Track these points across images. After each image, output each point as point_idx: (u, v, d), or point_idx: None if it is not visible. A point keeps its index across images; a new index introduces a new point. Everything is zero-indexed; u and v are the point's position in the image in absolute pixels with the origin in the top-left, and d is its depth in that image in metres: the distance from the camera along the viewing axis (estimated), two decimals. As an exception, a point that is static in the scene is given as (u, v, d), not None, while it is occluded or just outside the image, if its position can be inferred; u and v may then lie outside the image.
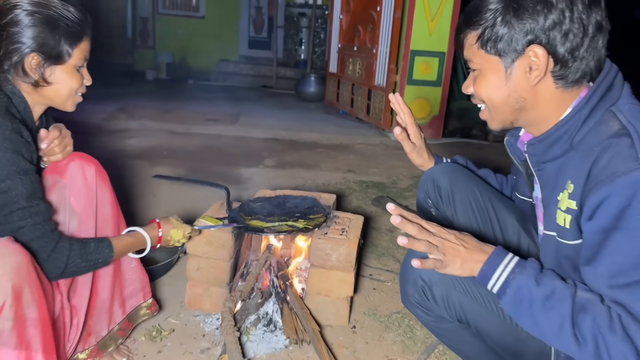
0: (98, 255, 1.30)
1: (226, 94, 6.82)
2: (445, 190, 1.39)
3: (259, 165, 3.38)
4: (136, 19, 9.57)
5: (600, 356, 0.85)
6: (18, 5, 1.18)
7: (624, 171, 0.85)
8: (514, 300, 0.95)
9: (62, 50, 1.22)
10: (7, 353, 1.08)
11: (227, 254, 1.70)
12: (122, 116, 4.41)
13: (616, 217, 0.86)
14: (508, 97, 1.02)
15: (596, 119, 0.97)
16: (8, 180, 1.12)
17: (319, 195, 2.02)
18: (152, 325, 1.64)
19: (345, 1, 5.27)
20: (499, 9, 0.97)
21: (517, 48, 0.97)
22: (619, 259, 0.86)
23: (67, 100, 1.29)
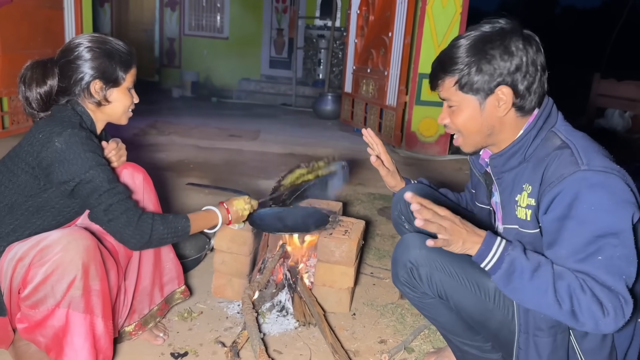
0: (177, 224, 1.51)
1: (247, 111, 7.19)
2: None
3: (276, 178, 3.70)
4: (163, 39, 10.05)
5: (575, 312, 1.10)
6: (81, 44, 1.47)
7: (569, 173, 1.14)
8: (507, 272, 1.14)
9: (118, 75, 1.50)
10: (76, 316, 1.34)
11: (247, 250, 2.02)
12: (153, 132, 4.79)
13: (568, 207, 1.13)
14: (481, 126, 1.28)
15: (542, 137, 1.26)
16: (91, 171, 1.36)
17: (327, 203, 2.33)
18: (183, 308, 1.95)
19: (360, 27, 5.62)
20: (473, 59, 1.21)
21: (488, 89, 1.23)
22: (574, 241, 1.12)
23: (122, 116, 1.57)
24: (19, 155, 1.40)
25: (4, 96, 3.87)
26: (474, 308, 1.34)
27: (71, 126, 1.39)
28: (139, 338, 1.75)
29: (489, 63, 1.21)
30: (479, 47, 1.21)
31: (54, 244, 1.32)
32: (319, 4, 9.62)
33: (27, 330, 1.37)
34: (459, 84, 1.25)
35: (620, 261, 1.10)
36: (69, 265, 1.30)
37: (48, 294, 1.31)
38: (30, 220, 1.44)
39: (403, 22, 4.61)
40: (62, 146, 1.35)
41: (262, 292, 1.99)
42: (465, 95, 1.26)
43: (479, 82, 1.23)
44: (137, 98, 1.59)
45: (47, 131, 1.37)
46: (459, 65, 1.24)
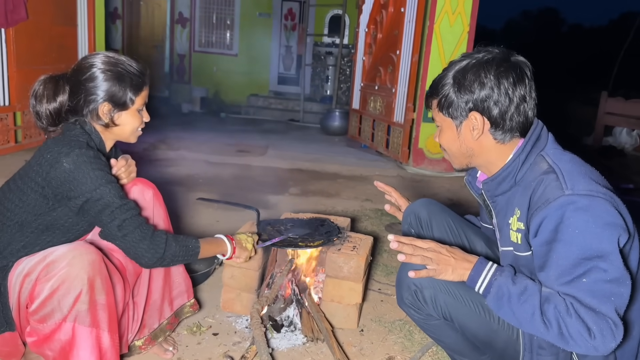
0: (188, 243, 1.53)
1: (256, 126, 7.26)
2: (424, 220, 1.70)
3: (284, 193, 3.73)
4: (174, 55, 10.20)
5: (562, 334, 1.12)
6: (94, 64, 1.46)
7: (554, 197, 1.17)
8: (496, 297, 1.21)
9: (127, 99, 1.49)
10: (82, 329, 1.35)
11: (256, 264, 2.03)
12: (163, 146, 4.85)
13: (554, 231, 1.16)
14: (460, 147, 1.37)
15: (531, 161, 1.30)
16: (100, 188, 1.38)
17: (335, 218, 2.35)
18: (192, 322, 1.96)
19: (368, 44, 5.69)
20: (450, 85, 1.32)
21: (462, 113, 1.32)
22: (561, 263, 1.15)
23: (130, 136, 1.58)
24: (29, 175, 1.42)
25: (17, 111, 3.94)
26: (479, 329, 1.36)
27: (78, 146, 1.40)
28: (149, 352, 1.76)
29: (464, 90, 1.30)
30: (459, 76, 1.31)
31: (60, 259, 1.34)
32: (327, 22, 9.76)
33: (36, 344, 1.38)
34: (440, 106, 1.36)
35: (607, 284, 1.11)
36: (75, 280, 1.31)
37: (55, 308, 1.33)
38: (40, 237, 1.45)
39: (411, 41, 4.66)
40: (70, 166, 1.36)
41: (270, 307, 2.01)
42: (445, 118, 1.36)
43: (454, 106, 1.32)
44: (147, 117, 1.60)
45: (55, 151, 1.38)
46: (441, 90, 1.34)
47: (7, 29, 3.67)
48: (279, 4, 9.93)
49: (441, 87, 1.34)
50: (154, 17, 10.03)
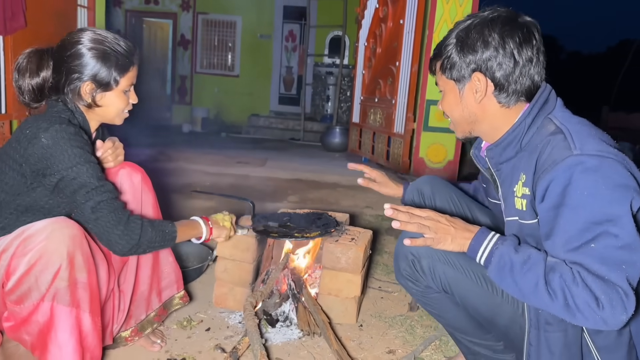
0: (165, 228, 1.45)
1: (256, 144, 7.24)
2: (427, 195, 1.63)
3: (283, 201, 3.66)
4: (175, 77, 10.28)
5: (568, 305, 1.03)
6: (80, 41, 1.40)
7: (562, 158, 1.09)
8: (498, 267, 1.13)
9: (111, 79, 1.43)
10: (61, 309, 1.26)
11: (250, 257, 1.95)
12: (161, 158, 4.80)
13: (562, 195, 1.08)
14: (462, 112, 1.29)
15: (537, 125, 1.22)
16: (76, 167, 1.30)
17: (334, 214, 2.28)
18: (183, 317, 1.87)
19: (368, 58, 5.70)
20: (453, 44, 1.26)
21: (465, 75, 1.25)
22: (568, 228, 1.07)
23: (115, 118, 1.51)
24: (7, 153, 1.35)
25: (13, 119, 3.90)
26: (481, 302, 1.27)
27: (59, 122, 1.33)
28: (135, 344, 1.68)
29: (467, 50, 1.24)
30: (463, 36, 1.25)
31: (38, 232, 1.26)
32: (328, 43, 9.84)
33: (12, 328, 1.30)
34: (442, 68, 1.29)
35: (618, 250, 1.02)
36: (54, 254, 1.24)
37: (32, 286, 1.25)
38: (20, 219, 1.37)
39: (410, 51, 4.66)
40: (48, 142, 1.29)
41: (265, 302, 1.92)
42: (447, 80, 1.29)
43: (457, 67, 1.26)
44: (135, 99, 1.53)
45: (35, 127, 1.32)
46: (444, 50, 1.28)
47: (5, 36, 3.67)
48: (280, 26, 10.04)
49: (444, 48, 1.27)
50: (157, 40, 10.14)
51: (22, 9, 3.63)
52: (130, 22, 10.01)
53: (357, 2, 6.29)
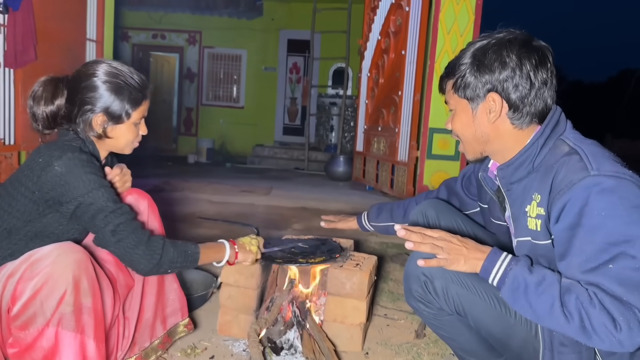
0: (187, 249, 1.46)
1: (260, 174, 7.29)
2: (432, 218, 1.61)
3: (287, 229, 3.66)
4: (182, 109, 10.44)
5: (585, 327, 1.02)
6: (95, 74, 1.43)
7: (579, 179, 1.09)
8: (512, 288, 1.11)
9: (123, 113, 1.45)
10: (66, 335, 1.25)
11: (255, 283, 1.94)
12: (167, 188, 4.84)
13: (578, 215, 1.07)
14: (475, 132, 1.29)
15: (550, 146, 1.23)
16: (93, 192, 1.33)
17: (338, 239, 2.27)
18: (187, 345, 1.85)
19: (371, 88, 5.78)
20: (468, 64, 1.25)
21: (479, 94, 1.25)
22: (585, 249, 1.06)
23: (124, 148, 1.53)
24: (19, 180, 1.37)
25: (22, 150, 3.96)
26: (494, 324, 1.25)
27: (71, 150, 1.36)
28: (139, 372, 1.66)
29: (483, 70, 1.23)
30: (479, 55, 1.24)
31: (44, 257, 1.27)
32: (331, 74, 10.01)
33: (17, 355, 1.27)
34: (455, 87, 1.28)
35: (636, 271, 1.02)
36: (59, 278, 1.24)
37: (37, 311, 1.24)
38: (29, 245, 1.38)
39: (412, 81, 4.73)
40: (62, 170, 1.32)
41: (269, 329, 1.90)
42: (460, 99, 1.29)
43: (472, 87, 1.25)
44: (145, 130, 1.55)
45: (47, 155, 1.34)
46: (456, 70, 1.27)
47: (16, 69, 3.77)
48: (284, 58, 10.23)
49: (458, 67, 1.27)
50: (163, 73, 10.33)
51: (32, 43, 3.73)
52: (138, 55, 10.23)
53: (359, 34, 6.43)
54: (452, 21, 4.44)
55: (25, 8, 3.64)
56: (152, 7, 9.96)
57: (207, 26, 10.14)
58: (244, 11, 9.90)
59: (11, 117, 3.82)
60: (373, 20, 5.70)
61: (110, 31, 4.97)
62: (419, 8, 4.64)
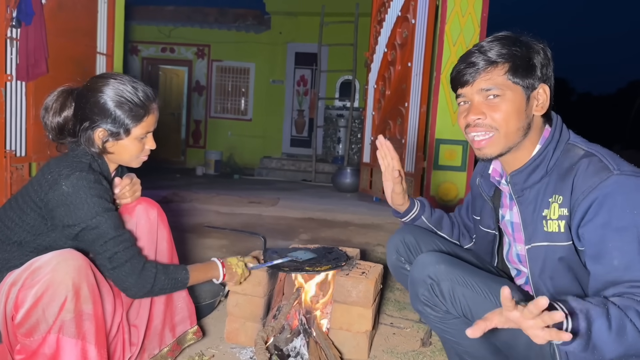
0: (177, 275, 1.53)
1: (268, 185, 7.32)
2: (412, 244, 1.58)
3: (294, 239, 3.67)
4: (190, 121, 10.53)
5: None
6: (99, 89, 1.44)
7: (603, 178, 1.11)
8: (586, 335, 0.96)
9: (122, 129, 1.45)
10: (67, 341, 1.27)
11: (262, 291, 1.96)
12: (175, 199, 4.87)
13: (608, 214, 1.08)
14: (523, 121, 1.23)
15: (560, 150, 1.25)
16: (96, 218, 1.36)
17: (344, 248, 2.29)
18: (195, 352, 1.87)
19: (377, 100, 5.81)
20: (525, 50, 1.22)
21: (533, 83, 1.22)
22: (626, 249, 1.05)
23: (129, 162, 1.54)
24: (29, 194, 1.40)
25: (33, 161, 4.02)
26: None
27: (79, 169, 1.38)
28: (147, 379, 1.67)
29: (537, 58, 1.22)
30: (524, 42, 1.23)
31: (44, 265, 1.29)
32: (338, 87, 10.07)
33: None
34: (512, 71, 1.21)
35: None
36: (60, 285, 1.26)
37: (40, 318, 1.26)
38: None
39: (418, 92, 4.76)
40: (69, 189, 1.34)
41: (276, 337, 1.91)
42: (514, 85, 1.21)
43: (529, 74, 1.22)
44: (152, 145, 1.55)
45: (56, 172, 1.37)
46: (511, 53, 1.21)
47: (28, 82, 3.83)
48: (291, 71, 10.31)
49: (509, 51, 1.21)
50: (172, 86, 10.45)
51: (44, 56, 3.81)
52: (147, 69, 10.36)
53: (366, 47, 6.49)
54: (457, 33, 4.48)
55: (37, 23, 3.73)
56: (162, 22, 10.12)
57: (215, 40, 10.27)
58: (252, 25, 10.02)
59: (23, 129, 3.88)
60: (379, 33, 5.75)
61: (120, 45, 5.06)
62: (425, 20, 4.69)
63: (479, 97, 1.25)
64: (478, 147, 1.28)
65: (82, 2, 4.50)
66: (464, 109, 1.29)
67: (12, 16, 3.60)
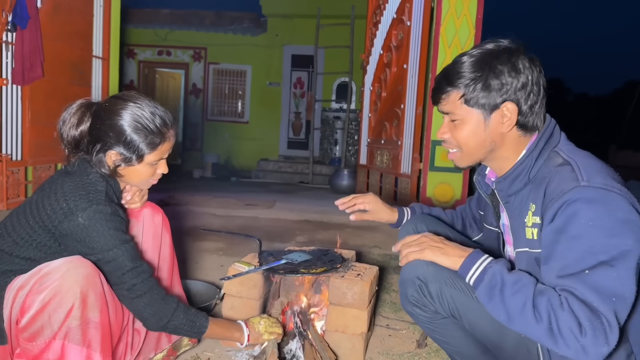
0: (196, 319, 1.51)
1: (265, 188, 7.32)
2: (424, 232, 1.56)
3: (291, 241, 3.67)
4: (187, 124, 10.53)
5: (552, 329, 1.04)
6: (117, 112, 1.40)
7: (569, 188, 1.12)
8: (489, 286, 1.14)
9: (135, 155, 1.43)
10: (72, 348, 1.27)
11: (257, 294, 1.96)
12: (171, 202, 4.87)
13: (564, 222, 1.10)
14: (484, 141, 1.27)
15: (544, 157, 1.25)
16: (113, 251, 1.35)
17: (340, 251, 2.29)
18: (190, 356, 1.86)
19: (373, 102, 5.83)
20: (480, 74, 1.21)
21: (494, 104, 1.23)
22: (567, 255, 1.09)
23: (139, 185, 1.56)
24: (41, 216, 1.37)
25: (29, 165, 4.01)
26: (488, 325, 1.26)
27: (97, 202, 1.36)
28: (142, 383, 1.67)
29: (497, 78, 1.21)
30: (487, 62, 1.22)
31: (54, 271, 1.29)
32: (335, 89, 10.09)
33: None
34: (465, 98, 1.25)
35: (612, 282, 1.03)
36: (67, 293, 1.26)
37: (45, 324, 1.26)
38: None
39: (414, 94, 4.77)
40: (86, 222, 1.33)
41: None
42: (470, 109, 1.25)
43: (486, 97, 1.23)
44: (165, 169, 1.54)
45: (72, 202, 1.34)
46: (465, 79, 1.23)
47: (24, 86, 3.84)
48: (288, 73, 10.33)
49: (464, 77, 1.23)
50: (169, 89, 10.46)
51: (40, 61, 3.81)
52: (144, 72, 10.36)
53: (362, 49, 6.50)
54: (452, 35, 4.49)
55: (33, 27, 3.73)
56: (158, 25, 10.12)
57: (212, 42, 10.28)
58: (249, 27, 10.03)
59: (18, 133, 3.88)
60: (375, 35, 5.77)
61: (117, 48, 5.06)
62: (420, 22, 4.70)
63: (445, 118, 1.33)
64: (450, 159, 1.40)
65: (78, 5, 4.51)
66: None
67: (7, 20, 3.60)
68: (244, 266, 1.97)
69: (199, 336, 1.54)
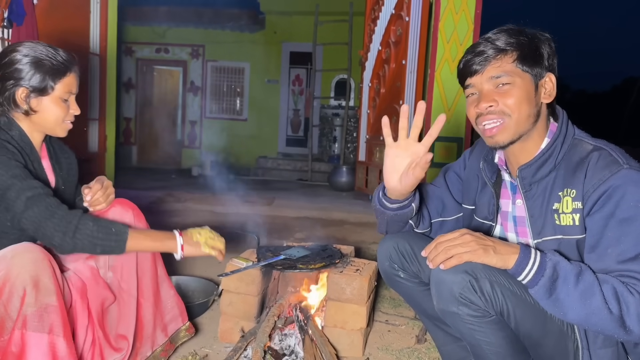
0: (112, 226, 1.37)
1: (264, 185, 7.30)
2: (407, 251, 1.46)
3: (290, 238, 3.66)
4: (185, 122, 10.50)
5: (623, 318, 1.04)
6: (15, 49, 1.42)
7: (613, 171, 1.13)
8: (551, 279, 1.08)
9: (46, 84, 1.42)
10: (33, 336, 1.21)
11: (255, 290, 1.95)
12: (170, 199, 4.85)
13: (614, 206, 1.11)
14: (533, 109, 1.25)
15: (568, 144, 1.26)
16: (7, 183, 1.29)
17: (339, 246, 2.28)
18: (188, 352, 1.86)
19: (372, 98, 5.81)
20: (532, 39, 1.24)
21: (541, 73, 1.25)
22: (623, 240, 1.09)
23: (55, 127, 1.48)
24: None
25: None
26: (533, 322, 1.20)
27: None
28: (140, 379, 1.66)
29: (544, 48, 1.25)
30: (530, 33, 1.25)
31: (0, 260, 1.25)
32: (334, 85, 10.05)
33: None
34: (521, 59, 1.23)
35: None
36: (16, 279, 1.22)
37: (4, 316, 1.23)
38: None
39: (413, 90, 4.76)
40: None
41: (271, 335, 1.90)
42: (524, 73, 1.24)
43: (537, 62, 1.24)
44: (76, 109, 1.51)
45: None
46: (520, 40, 1.23)
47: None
48: (286, 70, 10.29)
49: (518, 40, 1.23)
50: (167, 86, 10.42)
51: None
52: (142, 69, 10.32)
53: (360, 45, 6.47)
54: (451, 30, 4.47)
55: (29, 23, 3.70)
56: (156, 22, 10.07)
57: (210, 40, 10.23)
58: (247, 25, 9.99)
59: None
60: (374, 31, 5.74)
61: (114, 45, 5.04)
62: (419, 18, 4.68)
63: (489, 86, 1.26)
64: (490, 135, 1.28)
65: (74, 2, 4.48)
66: (474, 100, 1.29)
67: (3, 16, 3.58)
68: (242, 262, 1.95)
69: (122, 245, 1.36)
